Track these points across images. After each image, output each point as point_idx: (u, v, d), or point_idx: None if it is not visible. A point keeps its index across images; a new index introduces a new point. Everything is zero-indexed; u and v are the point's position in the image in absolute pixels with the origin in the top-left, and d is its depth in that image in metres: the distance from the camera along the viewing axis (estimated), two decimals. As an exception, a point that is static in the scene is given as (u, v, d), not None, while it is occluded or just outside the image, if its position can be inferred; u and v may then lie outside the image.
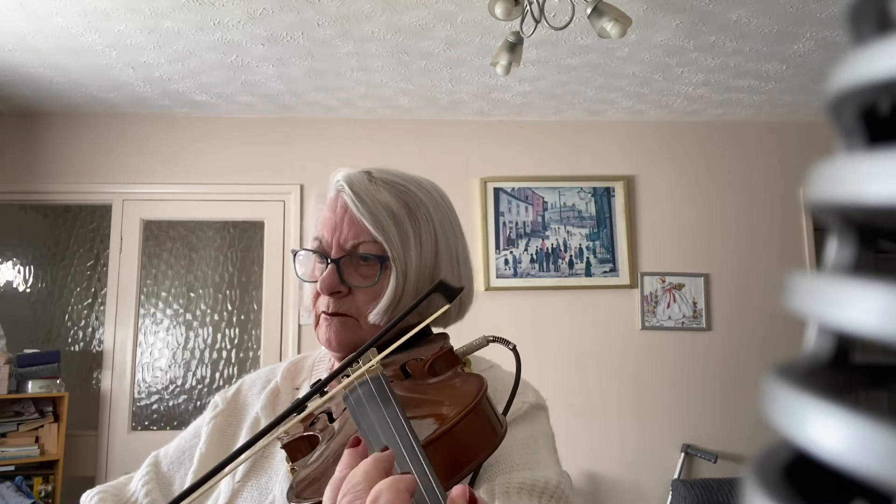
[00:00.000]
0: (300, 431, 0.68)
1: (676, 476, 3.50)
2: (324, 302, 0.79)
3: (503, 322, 3.46)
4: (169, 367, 3.62)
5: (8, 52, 2.94)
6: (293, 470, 0.66)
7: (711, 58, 3.07)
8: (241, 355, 3.67)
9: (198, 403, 3.59)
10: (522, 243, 3.70)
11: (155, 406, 3.58)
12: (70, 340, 3.67)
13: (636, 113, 3.76)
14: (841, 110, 0.17)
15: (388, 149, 3.69)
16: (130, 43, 2.86)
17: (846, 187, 0.15)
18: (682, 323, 3.70)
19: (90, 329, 3.68)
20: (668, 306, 3.70)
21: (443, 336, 0.76)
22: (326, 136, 3.72)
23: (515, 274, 3.66)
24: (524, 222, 3.71)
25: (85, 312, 3.69)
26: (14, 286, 3.70)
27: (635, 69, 3.19)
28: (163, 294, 3.67)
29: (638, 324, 3.68)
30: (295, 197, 3.66)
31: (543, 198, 3.75)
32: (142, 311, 3.61)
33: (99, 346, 3.60)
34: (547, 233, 3.72)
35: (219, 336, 3.68)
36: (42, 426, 3.23)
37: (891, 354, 0.16)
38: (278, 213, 3.68)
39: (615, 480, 3.54)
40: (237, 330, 3.69)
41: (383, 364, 0.65)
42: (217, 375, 3.64)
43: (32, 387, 3.20)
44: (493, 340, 0.71)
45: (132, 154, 3.64)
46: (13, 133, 3.59)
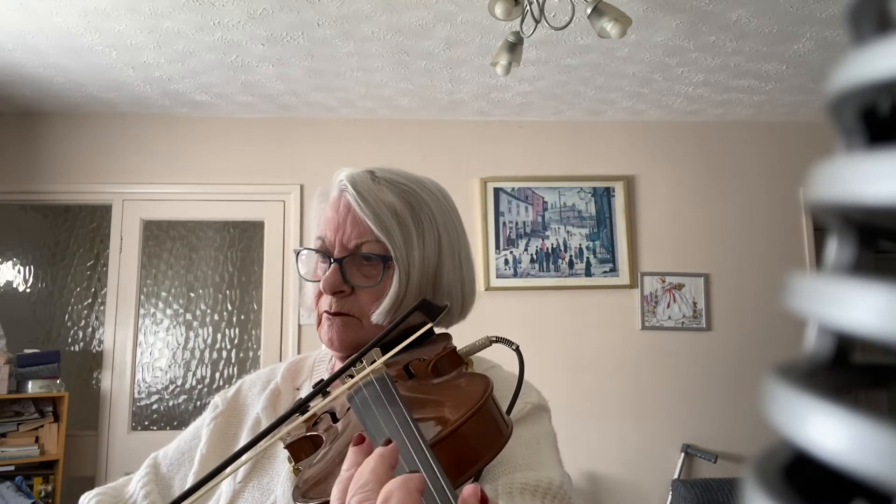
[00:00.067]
0: (303, 432, 0.68)
1: (676, 476, 3.50)
2: (326, 301, 0.79)
3: (503, 322, 3.46)
4: (169, 367, 3.62)
5: (8, 52, 2.94)
6: (297, 470, 0.65)
7: (711, 58, 3.07)
8: (241, 355, 3.67)
9: (198, 403, 3.59)
10: (522, 243, 3.70)
11: (155, 406, 3.58)
12: (70, 340, 3.67)
13: (636, 113, 3.76)
14: (841, 110, 0.17)
15: (388, 149, 3.69)
16: (130, 43, 2.86)
17: (846, 187, 0.15)
18: (682, 323, 3.70)
19: (90, 329, 3.68)
20: (668, 306, 3.70)
21: (445, 336, 0.76)
22: (326, 136, 3.72)
23: (515, 274, 3.66)
24: (524, 222, 3.71)
25: (85, 312, 3.69)
26: (14, 286, 3.70)
27: (635, 69, 3.19)
28: (163, 294, 3.67)
29: (638, 324, 3.68)
30: (295, 197, 3.66)
31: (543, 198, 3.75)
32: (142, 311, 3.61)
33: (99, 346, 3.60)
34: (547, 233, 3.72)
35: (219, 336, 3.68)
36: (42, 426, 3.23)
37: (891, 354, 0.16)
38: (278, 213, 3.68)
39: (615, 480, 3.54)
40: (237, 330, 3.69)
41: (386, 364, 0.65)
42: (217, 375, 3.64)
43: (32, 387, 3.20)
44: (497, 341, 0.70)
45: (132, 154, 3.64)
46: (13, 133, 3.59)
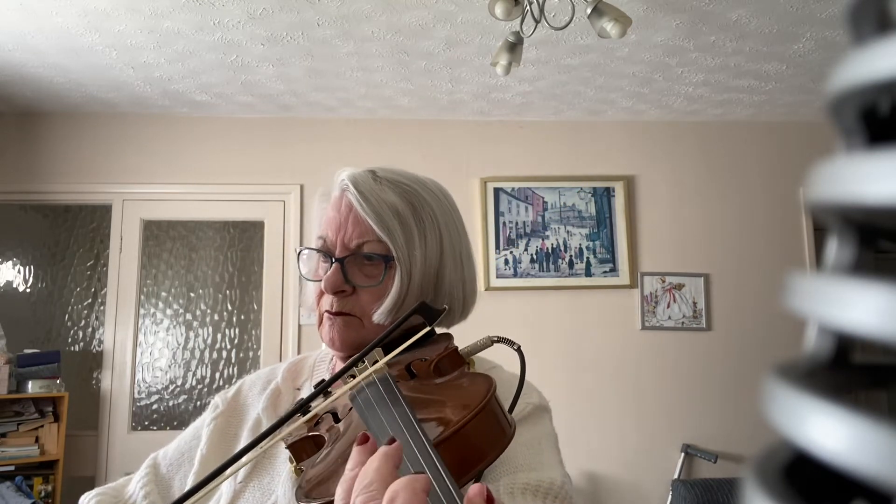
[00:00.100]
0: (304, 432, 0.67)
1: (676, 476, 3.50)
2: (327, 301, 0.79)
3: (503, 322, 3.45)
4: (169, 367, 3.62)
5: (8, 52, 2.94)
6: (300, 470, 0.65)
7: (711, 58, 3.07)
8: (241, 355, 3.67)
9: (198, 403, 3.59)
10: (522, 243, 3.70)
11: (155, 406, 3.58)
12: (70, 340, 3.67)
13: (636, 113, 3.75)
14: (841, 110, 0.17)
15: (388, 149, 3.69)
16: (130, 43, 2.86)
17: (846, 187, 0.15)
18: (682, 323, 3.70)
19: (90, 329, 3.68)
20: (668, 306, 3.70)
21: (447, 336, 0.76)
22: (326, 136, 3.72)
23: (515, 274, 3.66)
24: (524, 222, 3.71)
25: (85, 312, 3.69)
26: (14, 286, 3.70)
27: (635, 69, 3.19)
28: (163, 294, 3.67)
29: (638, 324, 3.68)
30: (295, 197, 3.65)
31: (543, 198, 3.75)
32: (142, 311, 3.61)
33: (99, 346, 3.60)
34: (547, 233, 3.72)
35: (219, 336, 3.68)
36: (42, 426, 3.23)
37: (891, 354, 0.16)
38: (278, 213, 3.68)
39: (615, 480, 3.54)
40: (237, 330, 3.69)
41: (388, 364, 0.65)
42: (217, 375, 3.64)
43: (32, 387, 3.20)
44: (498, 341, 0.70)
45: (132, 154, 3.64)
46: (13, 133, 3.59)
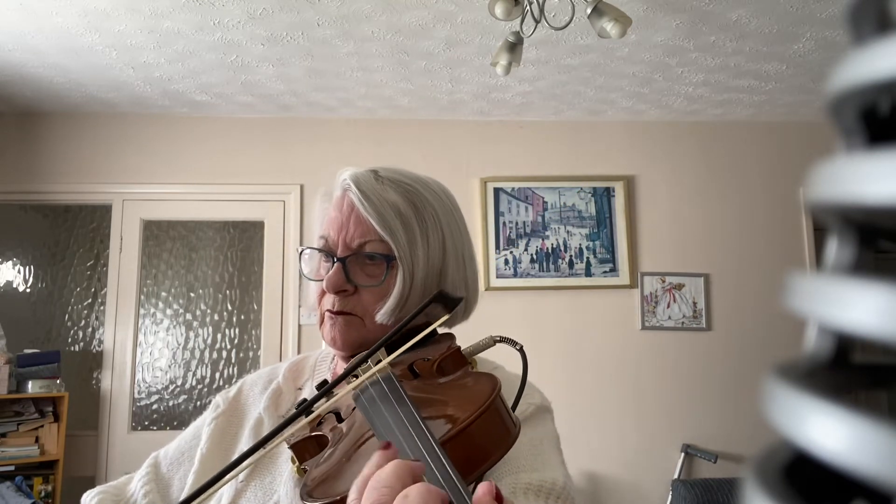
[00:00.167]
0: (307, 432, 0.67)
1: (676, 476, 3.50)
2: (329, 300, 0.79)
3: (503, 322, 3.45)
4: (169, 367, 3.61)
5: (8, 52, 2.94)
6: (303, 470, 0.65)
7: (711, 58, 3.07)
8: (241, 355, 3.67)
9: (198, 403, 3.59)
10: (522, 243, 3.70)
11: (155, 406, 3.58)
12: (70, 340, 3.67)
13: (636, 113, 3.75)
14: (841, 110, 0.17)
15: (388, 149, 3.69)
16: (130, 43, 2.86)
17: (846, 187, 0.15)
18: (682, 323, 3.70)
19: (90, 329, 3.68)
20: (668, 306, 3.70)
21: (449, 336, 0.76)
22: (326, 136, 3.72)
23: (515, 274, 3.66)
24: (524, 222, 3.71)
25: (85, 312, 3.69)
26: (14, 286, 3.70)
27: (635, 69, 3.19)
28: (163, 294, 3.67)
29: (638, 324, 3.68)
30: (295, 197, 3.65)
31: (543, 198, 3.75)
32: (142, 311, 3.61)
33: (99, 346, 3.60)
34: (547, 233, 3.72)
35: (219, 336, 3.68)
36: (42, 426, 3.23)
37: (891, 354, 0.16)
38: (278, 213, 3.68)
39: (615, 480, 3.54)
40: (237, 330, 3.69)
41: (391, 364, 0.65)
42: (217, 375, 3.64)
43: (32, 387, 3.20)
44: (501, 340, 0.70)
45: (132, 154, 3.64)
46: (13, 133, 3.59)
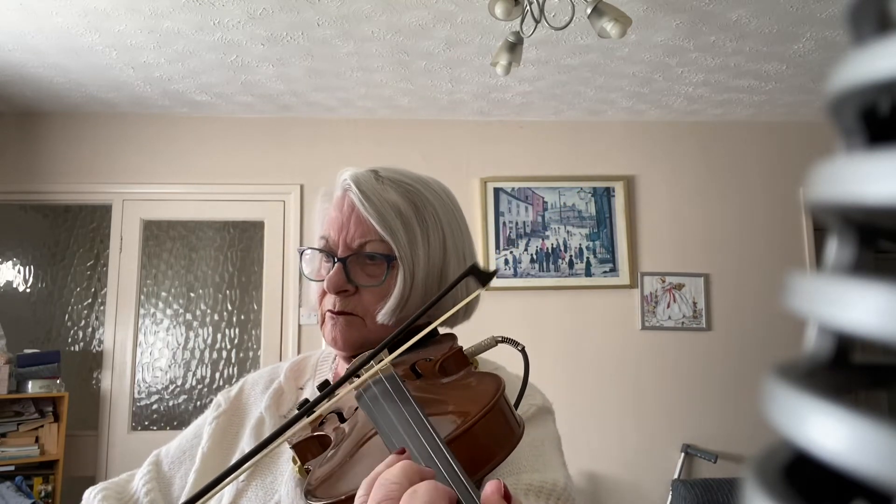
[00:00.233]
0: (308, 432, 0.67)
1: (676, 476, 3.50)
2: (330, 301, 0.79)
3: (503, 322, 3.44)
4: (169, 367, 3.61)
5: (8, 52, 2.94)
6: (306, 470, 0.65)
7: (711, 58, 3.07)
8: (241, 355, 3.67)
9: (198, 403, 3.59)
10: (522, 243, 3.70)
11: (155, 406, 3.58)
12: (70, 340, 3.67)
13: (636, 113, 3.75)
14: (841, 110, 0.17)
15: (388, 149, 3.69)
16: (130, 43, 2.86)
17: (846, 187, 0.15)
18: (682, 323, 3.70)
19: (90, 329, 3.68)
20: (668, 306, 3.70)
21: (451, 336, 0.76)
22: (326, 136, 3.72)
23: (515, 274, 3.66)
24: (524, 222, 3.71)
25: (85, 312, 3.69)
26: (14, 286, 3.70)
27: (635, 69, 3.19)
28: (163, 294, 3.67)
29: (638, 324, 3.68)
30: (295, 197, 3.65)
31: (543, 198, 3.75)
32: (142, 311, 3.61)
33: (99, 346, 3.60)
34: (547, 233, 3.72)
35: (219, 336, 3.68)
36: (42, 426, 3.23)
37: (891, 354, 0.16)
38: (278, 213, 3.68)
39: (615, 480, 3.54)
40: (237, 330, 3.69)
41: (393, 364, 0.65)
42: (217, 375, 3.64)
43: (32, 387, 3.20)
44: (503, 341, 0.69)
45: (132, 154, 3.64)
46: (13, 133, 3.59)
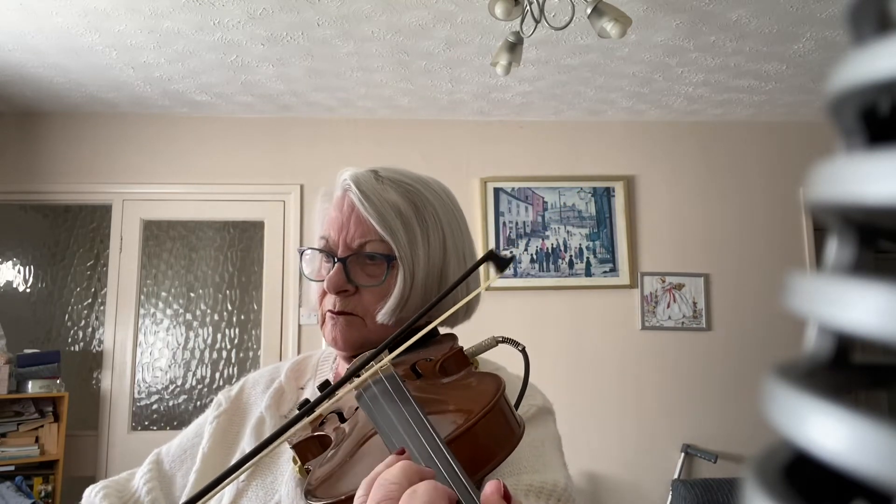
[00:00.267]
0: (308, 432, 0.67)
1: (676, 476, 3.50)
2: (330, 301, 0.79)
3: (503, 322, 3.45)
4: (169, 367, 3.61)
5: (8, 52, 2.94)
6: (307, 470, 0.65)
7: (711, 58, 3.07)
8: (241, 355, 3.67)
9: (198, 403, 3.59)
10: (522, 243, 3.70)
11: (155, 406, 3.58)
12: (70, 340, 3.67)
13: (636, 113, 3.75)
14: (841, 110, 0.17)
15: (388, 149, 3.69)
16: (130, 43, 2.86)
17: (846, 187, 0.15)
18: (682, 323, 3.70)
19: (90, 329, 3.68)
20: (668, 306, 3.70)
21: (451, 337, 0.76)
22: (326, 136, 3.72)
23: (515, 274, 3.66)
24: (524, 222, 3.71)
25: (85, 312, 3.69)
26: (14, 286, 3.70)
27: (635, 69, 3.19)
28: (163, 294, 3.67)
29: (638, 324, 3.68)
30: (295, 197, 3.65)
31: (543, 198, 3.75)
32: (142, 311, 3.61)
33: (99, 346, 3.60)
34: (547, 233, 3.72)
35: (219, 336, 3.68)
36: (42, 426, 3.23)
37: (891, 354, 0.16)
38: (278, 213, 3.68)
39: (615, 480, 3.54)
40: (237, 330, 3.69)
41: (393, 364, 0.65)
42: (217, 375, 3.64)
43: (32, 387, 3.20)
44: (503, 341, 0.69)
45: (132, 154, 3.64)
46: (13, 133, 3.59)
